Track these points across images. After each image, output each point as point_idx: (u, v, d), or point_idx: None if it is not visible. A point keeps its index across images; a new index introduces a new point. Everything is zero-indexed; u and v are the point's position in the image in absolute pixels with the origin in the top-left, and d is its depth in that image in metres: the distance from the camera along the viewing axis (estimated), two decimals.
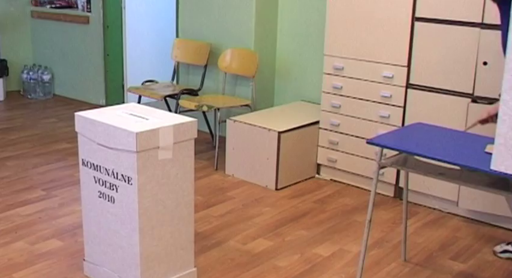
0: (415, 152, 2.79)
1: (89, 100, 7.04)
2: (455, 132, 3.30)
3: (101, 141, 2.96)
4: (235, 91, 5.53)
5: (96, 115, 3.08)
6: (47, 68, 7.38)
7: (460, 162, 2.61)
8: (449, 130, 3.25)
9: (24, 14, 7.50)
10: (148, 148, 2.82)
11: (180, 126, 2.93)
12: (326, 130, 4.71)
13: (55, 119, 6.44)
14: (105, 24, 6.69)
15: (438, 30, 4.01)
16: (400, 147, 2.86)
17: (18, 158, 5.19)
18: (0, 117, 6.58)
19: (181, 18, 5.88)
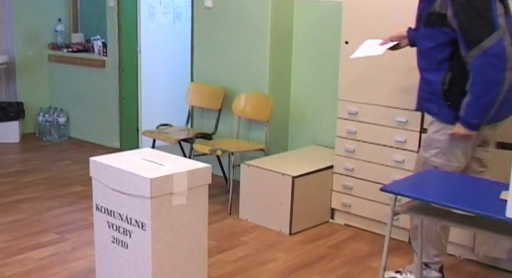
0: (430, 200, 2.77)
1: (104, 143, 7.08)
2: (469, 178, 3.29)
3: (115, 186, 2.97)
4: (250, 136, 5.55)
5: (111, 161, 3.09)
6: (63, 110, 7.45)
7: (475, 209, 2.58)
8: (463, 176, 3.24)
9: (42, 58, 7.60)
10: (162, 194, 2.82)
11: (194, 171, 2.94)
12: (340, 175, 4.69)
13: (69, 162, 6.47)
14: (121, 68, 6.76)
15: None
16: (414, 194, 2.85)
17: (32, 201, 5.20)
18: (16, 159, 6.63)
19: (196, 62, 5.94)
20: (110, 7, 6.74)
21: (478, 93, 3.14)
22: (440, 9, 3.19)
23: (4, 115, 7.15)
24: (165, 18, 6.87)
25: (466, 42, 3.11)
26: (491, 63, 3.06)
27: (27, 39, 7.46)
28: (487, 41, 3.04)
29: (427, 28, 3.31)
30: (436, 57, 3.30)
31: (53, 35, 7.60)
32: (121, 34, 6.70)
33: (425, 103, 3.47)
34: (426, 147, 3.50)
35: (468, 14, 3.08)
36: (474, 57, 3.09)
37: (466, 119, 3.23)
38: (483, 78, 3.10)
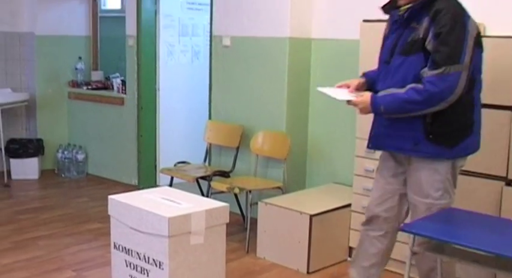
0: (449, 240, 2.75)
1: (122, 180, 7.11)
2: (489, 217, 3.27)
3: (133, 225, 2.98)
4: (267, 174, 5.55)
5: (129, 199, 3.11)
6: (82, 147, 7.50)
7: (496, 250, 2.56)
8: (483, 216, 3.21)
9: (62, 95, 7.69)
10: (180, 233, 2.83)
11: (212, 211, 2.94)
12: (358, 213, 4.66)
13: (87, 198, 6.49)
14: (140, 105, 6.82)
15: None
16: (433, 234, 2.83)
17: (50, 238, 5.21)
18: (34, 195, 6.67)
19: (214, 100, 5.98)
20: (130, 46, 6.83)
21: (410, 99, 3.10)
22: (424, 35, 3.15)
23: (24, 151, 7.21)
24: (184, 56, 6.96)
25: (434, 60, 3.08)
26: (441, 89, 3.05)
27: (48, 77, 7.57)
28: (449, 68, 3.04)
29: (407, 56, 3.22)
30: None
31: (73, 72, 7.70)
32: (140, 72, 6.77)
33: (395, 141, 3.34)
34: (428, 191, 3.31)
35: (448, 37, 3.07)
36: (430, 75, 3.06)
37: (379, 100, 3.22)
38: (425, 95, 3.07)
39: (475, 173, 4.02)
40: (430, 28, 3.11)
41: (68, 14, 7.65)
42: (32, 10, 7.44)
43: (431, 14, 3.13)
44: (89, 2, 7.86)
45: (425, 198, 3.30)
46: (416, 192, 3.35)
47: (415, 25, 3.20)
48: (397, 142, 3.32)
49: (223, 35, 5.83)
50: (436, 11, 3.11)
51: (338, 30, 5.27)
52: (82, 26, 7.83)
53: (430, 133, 3.20)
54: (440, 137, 3.20)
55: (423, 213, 3.30)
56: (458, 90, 3.06)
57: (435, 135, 3.19)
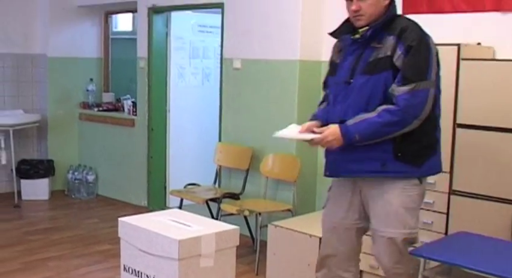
0: (460, 264, 2.73)
1: (131, 201, 7.11)
2: (501, 241, 3.25)
3: (143, 247, 2.98)
4: (277, 196, 5.55)
5: (139, 221, 3.11)
6: (92, 168, 7.53)
7: (508, 275, 2.55)
8: (495, 240, 3.20)
9: (73, 117, 7.74)
10: (190, 256, 2.83)
11: (222, 233, 2.94)
12: (369, 236, 4.64)
13: (97, 219, 6.50)
14: (150, 127, 6.85)
15: (480, 136, 4.01)
16: (444, 258, 2.82)
17: (60, 259, 5.22)
18: (44, 216, 6.68)
19: (224, 122, 6.00)
20: (141, 67, 6.88)
21: (385, 121, 3.00)
22: (391, 52, 3.07)
23: (35, 172, 7.24)
24: (194, 78, 7.00)
25: (402, 76, 3.01)
26: (413, 105, 2.99)
27: (59, 98, 7.63)
28: (419, 84, 2.99)
29: (373, 75, 3.11)
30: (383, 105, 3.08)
31: (84, 94, 7.76)
32: (151, 94, 6.81)
33: (360, 165, 3.15)
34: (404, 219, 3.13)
35: (415, 55, 3.03)
36: (402, 92, 2.99)
37: (352, 129, 3.05)
38: (399, 114, 2.99)
39: (487, 197, 4.00)
40: (398, 45, 3.06)
41: (80, 36, 7.73)
42: (44, 32, 7.53)
43: (396, 32, 3.08)
44: (101, 24, 7.94)
45: (403, 227, 3.12)
46: (389, 223, 3.14)
47: (375, 44, 3.12)
48: (363, 165, 3.15)
49: (234, 57, 5.87)
50: (402, 29, 3.08)
51: None
52: (94, 48, 7.90)
53: (399, 152, 3.09)
54: (409, 155, 3.10)
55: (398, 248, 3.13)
56: (427, 107, 3.03)
57: (404, 154, 3.09)
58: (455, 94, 4.09)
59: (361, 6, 3.13)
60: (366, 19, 3.15)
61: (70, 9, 7.60)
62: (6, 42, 7.35)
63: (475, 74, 4.02)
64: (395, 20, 3.14)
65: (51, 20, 7.49)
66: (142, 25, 6.87)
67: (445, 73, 4.05)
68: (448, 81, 4.08)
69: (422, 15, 4.71)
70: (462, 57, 4.05)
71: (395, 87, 3.02)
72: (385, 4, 3.16)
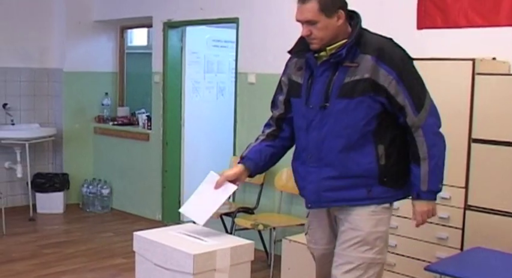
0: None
1: (146, 215, 7.13)
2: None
3: (158, 262, 2.98)
4: (291, 210, 5.54)
5: (154, 236, 3.11)
6: (106, 182, 7.56)
7: None
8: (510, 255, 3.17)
9: (88, 130, 7.79)
10: (205, 271, 2.82)
11: (237, 248, 2.94)
12: None
13: (112, 233, 6.52)
14: (165, 141, 6.87)
15: (495, 151, 3.99)
16: (459, 274, 2.81)
17: (74, 272, 5.23)
18: (59, 229, 6.71)
19: (239, 136, 6.01)
20: (155, 82, 6.92)
21: (438, 154, 2.95)
22: (371, 75, 2.87)
23: (50, 186, 7.28)
24: (209, 93, 7.03)
25: (415, 105, 2.90)
26: (437, 123, 2.98)
27: (74, 112, 7.68)
28: (427, 101, 2.95)
29: (351, 99, 2.90)
30: (364, 131, 2.92)
31: (99, 108, 7.80)
32: (165, 108, 6.84)
33: (345, 192, 2.97)
34: (367, 246, 2.96)
35: (411, 76, 2.94)
36: (424, 119, 2.92)
37: (433, 189, 2.97)
38: (437, 138, 2.96)
39: (503, 212, 3.97)
40: (381, 67, 2.86)
41: (95, 50, 7.79)
42: (60, 47, 7.60)
43: (374, 52, 2.89)
44: (117, 38, 8.00)
45: (362, 253, 2.97)
46: (356, 248, 2.98)
47: (348, 63, 2.91)
48: (349, 193, 2.96)
49: (249, 71, 5.89)
50: (379, 49, 2.90)
51: None
52: (109, 62, 7.96)
53: (385, 176, 2.94)
54: (393, 179, 2.98)
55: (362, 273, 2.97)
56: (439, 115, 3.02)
57: (388, 177, 2.96)
58: (471, 109, 4.08)
59: (311, 31, 2.93)
60: (318, 43, 2.96)
61: (86, 24, 7.67)
62: (23, 56, 7.43)
63: (490, 89, 4.01)
64: (363, 35, 2.98)
65: (68, 35, 7.56)
66: (157, 40, 6.91)
67: (460, 88, 4.08)
68: (463, 96, 4.08)
69: (437, 30, 4.73)
70: (477, 72, 4.04)
71: (413, 118, 2.91)
72: (338, 25, 2.94)
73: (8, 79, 7.36)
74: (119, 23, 7.87)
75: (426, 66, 4.28)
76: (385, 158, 2.92)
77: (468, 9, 4.54)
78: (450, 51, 4.46)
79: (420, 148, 2.93)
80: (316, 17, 2.90)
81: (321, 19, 2.90)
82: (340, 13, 2.95)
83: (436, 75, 4.24)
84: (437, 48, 4.63)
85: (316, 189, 3.02)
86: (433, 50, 4.58)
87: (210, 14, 6.25)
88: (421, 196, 2.98)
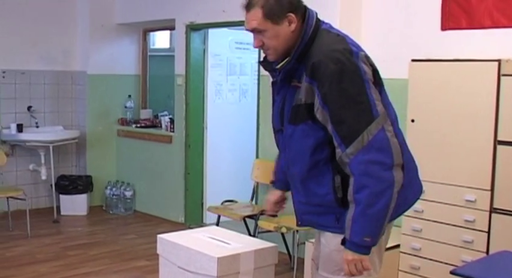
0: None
1: (168, 218, 7.14)
2: None
3: (182, 265, 2.99)
4: None
5: (178, 238, 3.12)
6: (130, 184, 7.59)
7: None
8: None
9: (111, 133, 7.82)
10: (228, 274, 2.82)
11: (261, 251, 2.93)
12: (407, 255, 4.59)
13: (135, 235, 6.54)
14: (187, 143, 6.88)
15: None
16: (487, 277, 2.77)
17: (98, 274, 5.26)
18: (83, 231, 6.75)
19: (262, 139, 6.00)
20: (178, 85, 6.93)
21: (366, 200, 2.41)
22: (306, 99, 2.52)
23: (74, 188, 7.32)
24: (232, 95, 7.03)
25: (340, 137, 2.45)
26: (376, 160, 2.41)
27: (98, 115, 7.72)
28: (366, 134, 2.41)
29: (296, 125, 2.60)
30: (316, 159, 2.59)
31: (122, 110, 7.84)
32: (188, 110, 6.85)
33: (316, 217, 2.70)
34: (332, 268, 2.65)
35: (339, 101, 2.44)
36: (353, 155, 2.43)
37: (354, 240, 2.46)
38: (369, 180, 2.41)
39: None
40: (313, 88, 2.49)
41: (118, 53, 7.83)
42: (84, 50, 7.65)
43: (309, 71, 2.50)
44: (139, 41, 8.03)
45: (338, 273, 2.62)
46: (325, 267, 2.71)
47: (296, 83, 2.58)
48: (320, 219, 2.69)
49: None
50: (313, 66, 2.48)
51: (386, 70, 5.17)
52: (132, 65, 8.00)
53: (345, 207, 2.53)
54: None
55: None
56: (394, 149, 2.45)
57: None
58: (496, 111, 4.04)
59: (262, 41, 2.60)
60: (273, 53, 2.63)
61: (109, 27, 7.71)
62: (47, 59, 7.49)
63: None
64: (312, 46, 2.56)
65: (91, 38, 7.60)
66: (180, 42, 6.93)
67: (486, 90, 4.04)
68: (488, 98, 4.05)
69: (461, 31, 4.69)
70: (503, 73, 4.00)
71: (339, 153, 2.48)
72: (291, 30, 2.57)
73: (32, 82, 7.42)
74: (142, 26, 7.90)
75: (450, 68, 4.28)
76: (342, 190, 2.55)
77: (493, 10, 4.50)
78: (475, 52, 4.42)
79: (350, 187, 2.49)
80: (262, 25, 2.57)
81: (267, 27, 2.56)
82: (290, 17, 2.56)
83: (461, 76, 4.22)
84: (461, 49, 4.59)
85: (296, 210, 2.82)
86: (458, 51, 4.55)
87: (232, 16, 6.24)
88: (346, 244, 2.51)
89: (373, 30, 5.34)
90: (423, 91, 4.44)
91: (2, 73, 7.18)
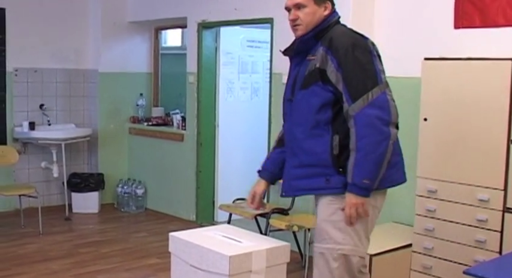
0: None
1: (180, 215, 7.14)
2: None
3: (194, 263, 2.98)
4: None
5: (190, 237, 3.12)
6: (141, 182, 7.59)
7: None
8: None
9: (123, 131, 7.84)
10: (240, 272, 2.82)
11: (273, 249, 2.93)
12: (419, 254, 4.57)
13: (146, 233, 6.55)
14: (199, 141, 6.88)
15: None
16: None
17: (109, 272, 5.27)
18: (94, 229, 6.77)
19: (273, 137, 5.91)
20: (190, 83, 6.93)
21: (366, 147, 2.87)
22: (321, 65, 2.99)
23: (85, 186, 7.34)
24: (243, 93, 7.02)
25: (349, 93, 2.91)
26: (377, 115, 2.87)
27: (109, 113, 7.74)
28: (370, 93, 2.89)
29: (307, 89, 3.04)
30: (319, 119, 3.01)
31: (134, 108, 7.85)
32: (200, 108, 6.85)
33: (306, 180, 3.06)
34: (322, 236, 3.03)
35: (352, 65, 2.92)
36: (358, 109, 2.89)
37: (355, 182, 2.89)
38: (370, 131, 2.87)
39: None
40: (328, 56, 2.98)
41: (130, 51, 7.84)
42: (95, 48, 7.66)
43: (326, 43, 3.00)
44: (151, 39, 8.04)
45: (321, 243, 3.03)
46: (316, 237, 3.09)
47: (311, 57, 3.06)
48: (310, 182, 3.05)
49: (283, 72, 5.83)
50: (331, 39, 3.00)
51: (398, 68, 5.22)
52: (143, 63, 8.01)
53: (340, 167, 2.97)
54: None
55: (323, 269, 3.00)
56: (392, 109, 2.94)
57: (345, 168, 2.95)
58: (510, 110, 4.02)
59: (298, 16, 3.08)
60: (304, 29, 3.09)
61: (121, 25, 7.72)
62: (59, 57, 7.51)
63: None
64: (330, 30, 3.07)
65: (103, 36, 7.62)
66: (192, 40, 6.93)
67: (499, 88, 4.01)
68: (502, 96, 4.02)
69: (475, 29, 4.66)
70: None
71: (347, 107, 2.93)
72: (325, 14, 3.10)
73: (44, 81, 7.44)
74: (154, 24, 7.90)
75: (464, 66, 4.26)
76: (338, 148, 2.97)
77: (507, 8, 4.47)
78: (488, 51, 4.39)
79: (352, 138, 2.92)
80: (306, 1, 3.06)
81: (309, 4, 3.06)
82: (327, 4, 3.11)
83: (474, 75, 4.20)
84: (475, 48, 4.56)
85: (287, 177, 3.18)
86: (471, 49, 4.51)
87: (244, 15, 6.24)
88: (347, 188, 2.93)
89: (386, 28, 5.32)
90: (436, 90, 4.42)
91: (15, 71, 7.20)
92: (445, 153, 4.37)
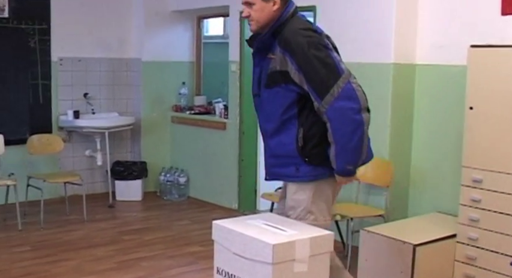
0: None
1: (222, 204, 7.17)
2: None
3: (237, 251, 2.99)
4: (369, 200, 5.47)
5: (233, 225, 3.11)
6: (184, 170, 7.64)
7: None
8: None
9: (165, 119, 7.89)
10: (284, 261, 2.81)
11: (316, 238, 2.91)
12: (464, 245, 4.51)
13: (188, 221, 6.59)
14: (241, 130, 6.89)
15: None
16: None
17: (152, 259, 5.32)
18: (138, 217, 6.84)
19: None
20: (232, 71, 6.93)
21: (342, 139, 3.09)
22: (281, 67, 3.15)
23: (129, 174, 7.42)
24: None
25: (316, 92, 3.08)
26: (347, 107, 3.05)
27: (152, 102, 7.80)
28: (336, 87, 3.04)
29: (271, 89, 3.24)
30: (285, 116, 3.23)
31: (176, 97, 7.89)
32: (242, 97, 6.85)
33: (279, 169, 3.34)
34: (289, 212, 3.35)
35: (311, 65, 3.07)
36: (328, 104, 3.05)
37: (340, 169, 3.18)
38: (343, 123, 3.07)
39: None
40: (286, 58, 3.12)
41: (172, 40, 7.88)
42: (139, 37, 7.72)
43: (282, 43, 3.14)
44: (193, 28, 8.06)
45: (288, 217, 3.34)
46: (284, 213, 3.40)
47: (271, 55, 3.21)
48: (283, 170, 3.33)
49: None
50: (285, 40, 3.13)
51: (444, 56, 5.16)
52: (186, 52, 8.04)
53: (306, 157, 3.22)
54: (317, 159, 3.22)
55: None
56: (360, 95, 3.09)
57: (310, 158, 3.21)
58: None
59: (250, 13, 3.25)
60: (255, 25, 3.27)
61: (163, 15, 7.76)
62: (102, 47, 7.58)
63: None
64: (286, 26, 3.19)
65: (146, 25, 7.67)
66: (234, 29, 6.93)
67: None
68: None
69: None
70: None
71: (318, 106, 3.10)
72: (273, 9, 3.22)
73: (88, 70, 7.53)
74: (196, 13, 7.92)
75: (511, 54, 4.16)
76: (303, 140, 3.19)
77: None
78: None
79: (328, 132, 3.12)
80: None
81: (257, 2, 3.20)
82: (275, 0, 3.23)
83: None
84: None
85: (266, 164, 3.46)
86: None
87: None
88: (335, 172, 3.21)
89: (431, 16, 5.25)
90: (482, 78, 4.33)
91: (60, 60, 7.30)
92: (491, 143, 4.30)
